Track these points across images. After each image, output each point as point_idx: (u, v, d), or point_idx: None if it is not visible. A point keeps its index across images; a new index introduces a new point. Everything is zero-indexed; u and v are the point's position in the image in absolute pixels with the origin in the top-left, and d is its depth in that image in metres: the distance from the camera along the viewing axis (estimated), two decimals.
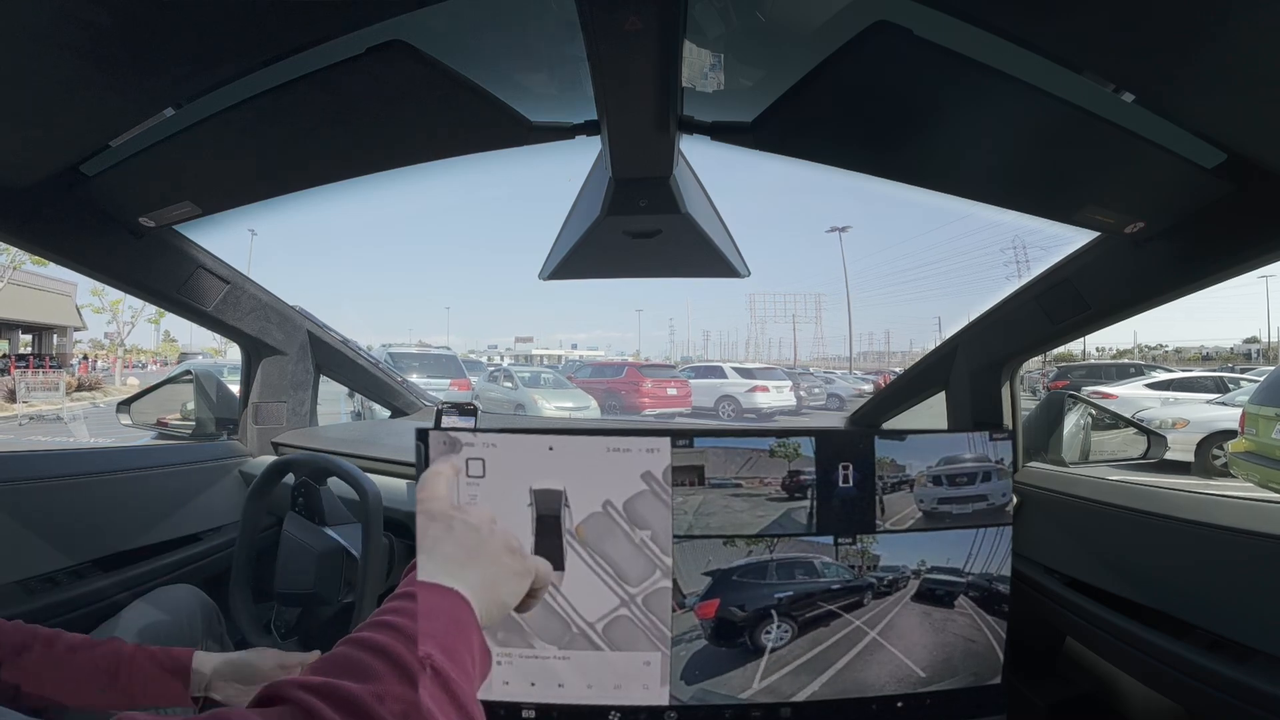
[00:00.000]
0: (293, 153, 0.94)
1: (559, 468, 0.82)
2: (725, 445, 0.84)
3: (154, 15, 0.59)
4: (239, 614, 1.09)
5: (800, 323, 35.55)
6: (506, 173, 1.46)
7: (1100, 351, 27.39)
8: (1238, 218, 0.77)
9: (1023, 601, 0.96)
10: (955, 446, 0.85)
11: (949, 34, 0.63)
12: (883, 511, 0.84)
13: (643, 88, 0.75)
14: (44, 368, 17.95)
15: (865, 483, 0.84)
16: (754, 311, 38.13)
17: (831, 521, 0.84)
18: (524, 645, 0.83)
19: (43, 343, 22.82)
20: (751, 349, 39.37)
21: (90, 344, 24.59)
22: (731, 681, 0.85)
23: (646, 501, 0.82)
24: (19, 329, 21.31)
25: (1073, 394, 1.44)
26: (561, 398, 11.22)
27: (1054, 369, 14.91)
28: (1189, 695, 0.79)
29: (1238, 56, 0.55)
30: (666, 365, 17.65)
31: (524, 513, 0.81)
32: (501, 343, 45.04)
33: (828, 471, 0.84)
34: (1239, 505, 0.85)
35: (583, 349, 43.60)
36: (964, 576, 0.86)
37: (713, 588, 0.83)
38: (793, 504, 0.84)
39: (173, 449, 1.48)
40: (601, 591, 0.82)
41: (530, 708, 0.83)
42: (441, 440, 0.83)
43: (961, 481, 0.83)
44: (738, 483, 0.83)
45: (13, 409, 11.89)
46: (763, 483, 0.83)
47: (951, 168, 0.90)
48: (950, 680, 0.89)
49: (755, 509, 0.83)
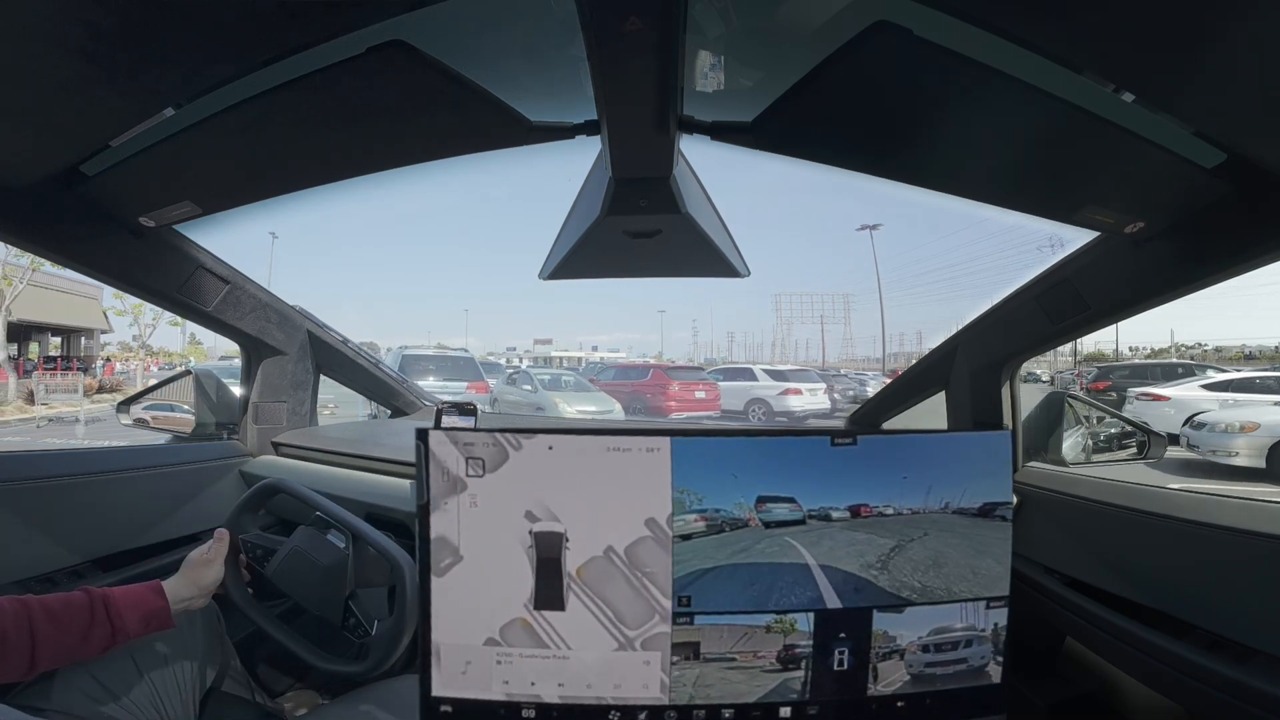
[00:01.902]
0: (293, 153, 0.94)
1: (559, 467, 0.81)
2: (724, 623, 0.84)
3: (154, 15, 0.59)
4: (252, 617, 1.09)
5: (828, 323, 35.02)
6: (508, 172, 1.46)
7: (1134, 351, 26.75)
8: (1238, 218, 0.77)
9: (1023, 601, 0.95)
10: (950, 615, 0.86)
11: (949, 34, 0.63)
12: (875, 678, 0.86)
13: (643, 88, 0.75)
14: (71, 370, 18.19)
15: (860, 652, 0.86)
16: (780, 312, 37.68)
17: (825, 689, 0.86)
18: (523, 645, 0.82)
19: (71, 345, 23.14)
20: (778, 350, 38.95)
21: (119, 346, 25.02)
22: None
23: (648, 547, 0.82)
24: (49, 332, 21.69)
25: (1072, 394, 1.44)
26: (584, 401, 10.76)
27: (1092, 369, 14.34)
28: (1189, 695, 0.79)
29: (1238, 56, 0.55)
30: (694, 367, 16.98)
31: (522, 526, 0.81)
32: (520, 345, 44.37)
33: (825, 645, 0.86)
34: (1239, 505, 0.85)
35: (603, 351, 42.82)
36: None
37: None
38: (788, 674, 0.85)
39: (173, 449, 1.48)
40: (599, 634, 0.83)
41: (530, 707, 0.83)
42: (441, 440, 0.83)
43: (946, 648, 0.85)
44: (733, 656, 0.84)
45: (32, 411, 11.97)
46: (757, 656, 0.84)
47: (952, 168, 0.90)
48: (950, 680, 0.89)
49: (752, 680, 0.85)
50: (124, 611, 0.88)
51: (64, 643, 0.83)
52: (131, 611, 0.89)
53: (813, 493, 0.85)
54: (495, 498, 0.81)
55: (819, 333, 35.19)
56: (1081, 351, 22.31)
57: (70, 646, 0.84)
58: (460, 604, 0.82)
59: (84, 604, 0.86)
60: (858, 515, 0.86)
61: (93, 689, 0.87)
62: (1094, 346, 25.97)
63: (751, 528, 0.84)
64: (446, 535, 0.82)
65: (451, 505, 0.82)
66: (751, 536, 0.85)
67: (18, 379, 14.06)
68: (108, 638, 0.86)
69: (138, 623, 0.89)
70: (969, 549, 0.87)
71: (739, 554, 0.84)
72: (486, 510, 0.80)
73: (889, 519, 0.86)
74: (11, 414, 12.04)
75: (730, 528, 0.84)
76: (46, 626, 0.82)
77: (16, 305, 16.16)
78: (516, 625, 0.82)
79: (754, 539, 0.85)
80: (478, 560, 0.82)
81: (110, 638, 0.86)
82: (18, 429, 10.66)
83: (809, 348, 36.61)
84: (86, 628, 0.85)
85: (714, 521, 0.84)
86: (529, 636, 0.82)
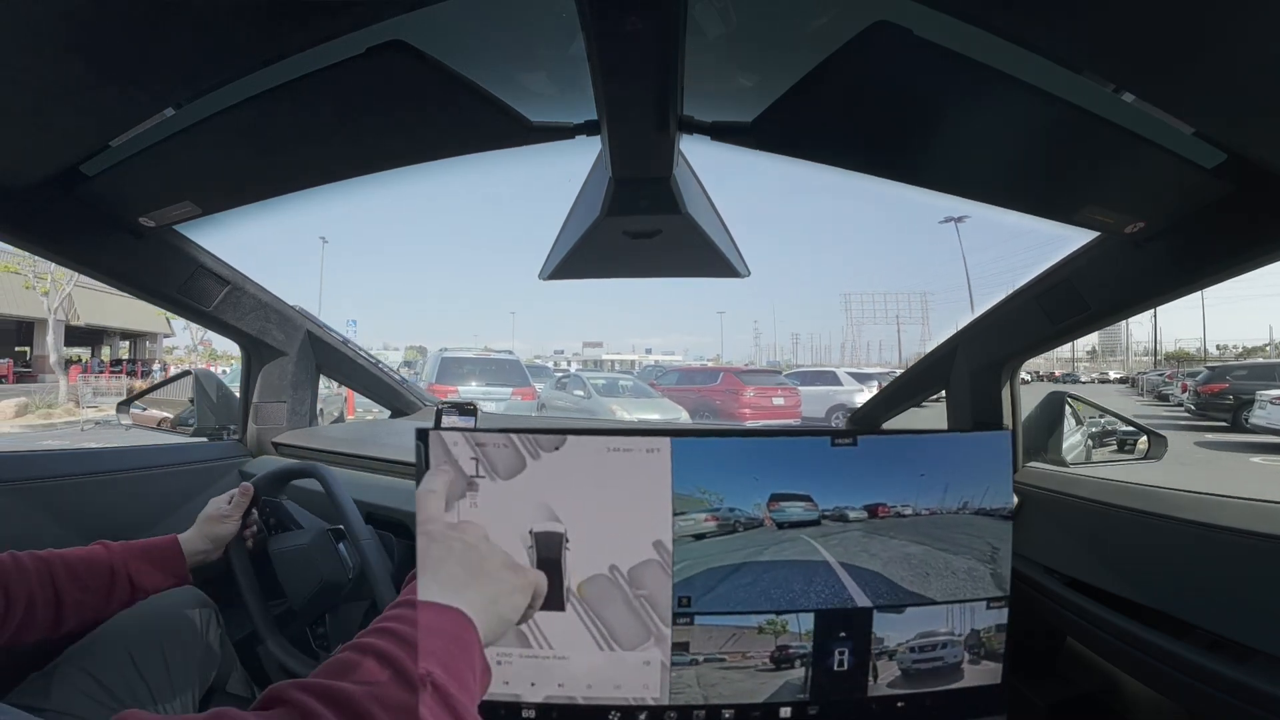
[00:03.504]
0: (293, 153, 0.94)
1: (559, 467, 0.81)
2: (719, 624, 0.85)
3: (154, 15, 0.59)
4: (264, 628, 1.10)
5: (904, 323, 33.84)
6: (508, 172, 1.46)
7: (1221, 349, 25.39)
8: (1238, 218, 0.77)
9: (1023, 602, 0.96)
10: (934, 620, 0.89)
11: (949, 34, 0.63)
12: (875, 677, 0.88)
13: (643, 88, 0.75)
14: (135, 373, 18.62)
15: (860, 651, 0.88)
16: (849, 312, 36.65)
17: (825, 688, 0.87)
18: (523, 646, 0.82)
19: (137, 349, 23.40)
20: (848, 352, 37.98)
21: (186, 350, 25.60)
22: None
23: (651, 570, 0.82)
24: (117, 336, 21.89)
25: (1073, 395, 1.44)
26: (646, 408, 9.42)
27: (1201, 370, 13.32)
28: (1189, 695, 0.79)
29: (1238, 56, 0.55)
30: (770, 370, 14.97)
31: (523, 525, 0.81)
32: (568, 348, 42.87)
33: (824, 644, 0.87)
34: (1239, 505, 0.85)
35: (658, 354, 41.16)
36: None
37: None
38: (788, 674, 0.87)
39: (173, 449, 1.48)
40: (591, 650, 0.82)
41: (530, 708, 0.83)
42: (441, 440, 0.83)
43: (928, 649, 0.89)
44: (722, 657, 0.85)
45: (80, 414, 12.04)
46: (746, 656, 0.86)
47: (952, 168, 0.90)
48: (950, 680, 0.89)
49: (751, 679, 0.86)
50: (142, 570, 0.89)
51: (87, 602, 0.84)
52: (150, 569, 0.90)
53: (823, 492, 0.86)
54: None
55: (893, 333, 34.12)
56: (1161, 350, 21.06)
57: (95, 606, 0.85)
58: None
59: (105, 562, 0.87)
60: (875, 515, 0.87)
61: (93, 689, 0.87)
62: (1174, 345, 24.80)
63: (766, 528, 0.85)
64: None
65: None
66: (768, 537, 0.85)
67: (73, 382, 14.26)
68: (128, 595, 0.88)
69: (157, 578, 0.91)
70: (984, 549, 0.89)
71: (753, 554, 0.85)
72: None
73: (907, 520, 0.87)
74: (60, 416, 12.22)
75: (744, 528, 0.84)
76: (70, 586, 0.83)
77: (83, 310, 16.42)
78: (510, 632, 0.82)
79: (770, 540, 0.85)
80: None
81: (130, 595, 0.88)
82: (62, 431, 10.67)
83: (882, 349, 35.72)
84: (109, 587, 0.86)
85: (727, 522, 0.84)
86: (519, 643, 0.82)
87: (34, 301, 14.39)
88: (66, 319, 15.69)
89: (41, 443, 9.19)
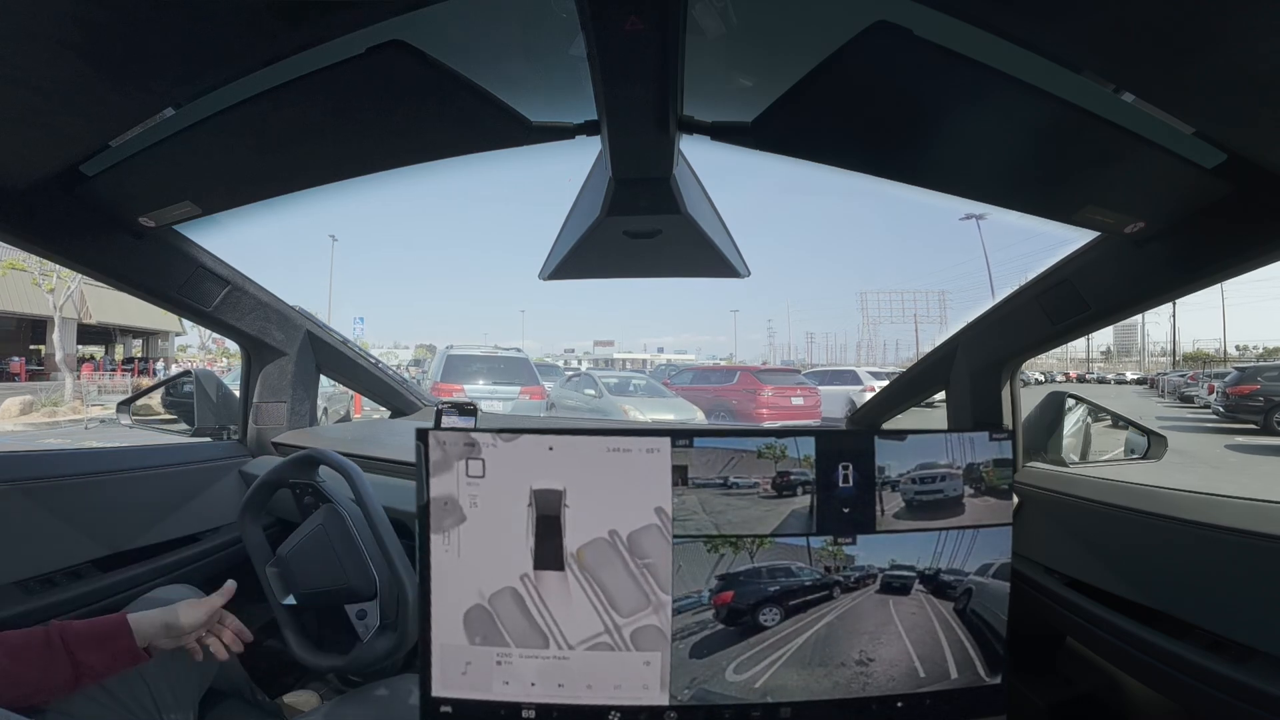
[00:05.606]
0: (293, 153, 0.94)
1: (559, 468, 0.81)
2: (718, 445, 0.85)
3: (154, 15, 0.59)
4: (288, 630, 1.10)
5: (923, 322, 33.19)
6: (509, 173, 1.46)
7: (1241, 350, 24.66)
8: (1238, 218, 0.77)
9: (1022, 601, 0.96)
10: (937, 452, 0.90)
11: (949, 34, 0.63)
12: (883, 511, 0.87)
13: (643, 88, 0.75)
14: (147, 371, 18.74)
15: (865, 482, 0.87)
16: (866, 311, 36.03)
17: (832, 521, 0.86)
18: (522, 646, 0.82)
19: (150, 347, 23.45)
20: (864, 351, 37.43)
21: (199, 349, 25.73)
22: (733, 680, 0.85)
23: (651, 536, 0.82)
24: (130, 334, 21.93)
25: (1073, 394, 1.44)
26: (660, 408, 8.99)
27: (1232, 371, 12.98)
28: (1189, 695, 0.79)
29: (1238, 57, 0.55)
30: (789, 369, 14.33)
31: (523, 513, 0.81)
32: (579, 346, 42.13)
33: (828, 472, 0.86)
34: (1239, 505, 0.86)
35: (670, 353, 40.32)
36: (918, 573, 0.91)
37: (726, 585, 0.86)
38: (794, 502, 0.86)
39: (173, 449, 1.48)
40: (589, 617, 0.82)
41: (530, 708, 0.83)
42: (441, 440, 0.83)
43: (929, 480, 0.90)
44: (729, 483, 0.85)
45: (84, 412, 12.03)
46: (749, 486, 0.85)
47: (952, 167, 0.90)
48: (950, 680, 0.89)
49: (756, 506, 0.85)
50: (85, 647, 0.83)
51: (23, 678, 0.79)
52: (94, 648, 0.84)
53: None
54: (495, 498, 0.81)
55: (910, 332, 33.60)
56: (1179, 351, 20.37)
57: (32, 682, 0.80)
58: (460, 606, 0.82)
59: (41, 640, 0.82)
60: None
61: (92, 689, 0.87)
62: (1191, 346, 24.11)
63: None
64: (447, 535, 0.82)
65: (452, 506, 0.82)
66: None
67: (87, 380, 14.25)
68: (69, 676, 0.82)
69: (103, 660, 0.85)
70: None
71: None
72: (487, 512, 0.80)
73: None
74: (65, 414, 12.22)
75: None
76: (1, 660, 0.78)
77: (95, 308, 16.40)
78: (506, 593, 0.82)
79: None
80: (477, 562, 0.82)
81: (74, 676, 0.82)
82: (65, 430, 10.63)
83: (899, 348, 35.24)
84: (44, 665, 0.81)
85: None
86: (518, 606, 0.82)
87: (46, 300, 14.35)
88: (79, 317, 15.65)
89: (44, 441, 9.19)
